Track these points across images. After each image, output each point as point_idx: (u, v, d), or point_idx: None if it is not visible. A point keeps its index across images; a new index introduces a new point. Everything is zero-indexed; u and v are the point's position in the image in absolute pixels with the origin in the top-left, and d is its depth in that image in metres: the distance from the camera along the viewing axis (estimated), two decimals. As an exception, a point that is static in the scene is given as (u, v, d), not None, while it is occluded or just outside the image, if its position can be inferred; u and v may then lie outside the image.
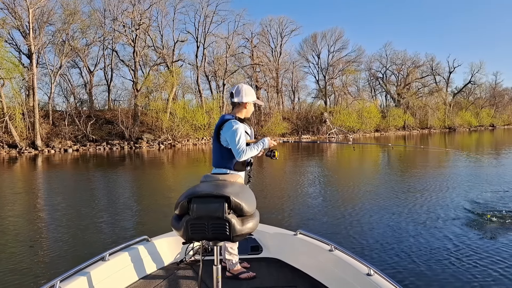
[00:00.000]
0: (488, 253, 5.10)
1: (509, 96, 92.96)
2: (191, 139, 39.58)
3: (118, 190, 11.87)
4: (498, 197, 8.72)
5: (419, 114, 67.87)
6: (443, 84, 73.96)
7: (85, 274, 2.61)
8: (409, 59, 69.68)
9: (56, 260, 5.30)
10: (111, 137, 36.19)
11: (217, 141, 3.15)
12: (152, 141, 36.59)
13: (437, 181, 11.28)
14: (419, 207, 8.01)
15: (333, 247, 3.05)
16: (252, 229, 2.12)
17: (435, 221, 6.83)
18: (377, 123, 59.10)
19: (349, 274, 2.72)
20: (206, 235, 2.04)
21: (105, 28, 39.96)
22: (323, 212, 7.83)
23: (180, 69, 43.89)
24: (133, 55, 40.04)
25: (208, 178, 2.82)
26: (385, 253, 5.21)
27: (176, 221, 2.13)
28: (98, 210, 8.52)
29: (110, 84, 43.56)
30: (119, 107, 41.11)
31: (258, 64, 52.09)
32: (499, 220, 6.72)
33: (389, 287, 2.35)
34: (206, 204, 2.03)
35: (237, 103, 3.24)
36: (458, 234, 5.97)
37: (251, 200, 2.26)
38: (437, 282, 4.29)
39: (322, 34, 62.66)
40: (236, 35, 49.60)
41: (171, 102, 39.88)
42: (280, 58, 56.80)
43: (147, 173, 16.57)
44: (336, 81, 61.12)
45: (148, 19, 41.18)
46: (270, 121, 48.04)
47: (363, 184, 11.46)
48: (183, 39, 44.57)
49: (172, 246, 3.49)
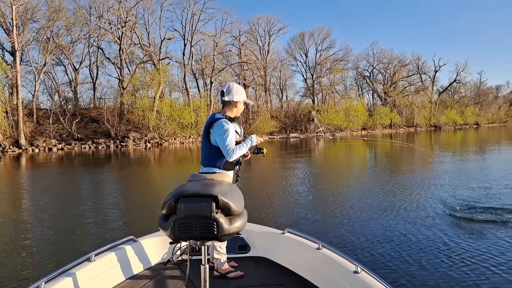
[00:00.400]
0: (475, 250, 5.13)
1: (493, 95, 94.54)
2: (178, 138, 39.32)
3: (104, 190, 11.70)
4: (482, 194, 8.83)
5: (405, 113, 68.55)
6: (429, 83, 74.94)
7: (70, 275, 2.56)
8: (396, 58, 70.53)
9: (41, 261, 5.19)
10: (97, 136, 35.78)
11: (206, 140, 3.12)
12: (139, 140, 36.27)
13: (422, 178, 11.38)
14: (406, 204, 8.04)
15: (321, 245, 3.05)
16: (240, 228, 2.10)
17: (421, 218, 6.86)
18: (364, 121, 59.55)
19: (336, 272, 2.72)
20: (194, 235, 2.01)
21: (90, 25, 39.52)
22: (310, 211, 7.81)
23: (167, 67, 43.64)
24: (119, 52, 39.64)
25: (195, 177, 2.77)
26: (372, 251, 5.23)
27: (163, 220, 2.09)
28: (84, 210, 8.37)
29: (95, 82, 43.19)
30: (105, 105, 40.64)
31: (246, 62, 52.00)
32: (482, 216, 6.80)
33: (376, 284, 2.36)
34: (193, 204, 2.00)
35: (228, 102, 3.21)
36: (444, 231, 6.00)
37: (239, 199, 2.24)
38: (422, 278, 4.31)
39: (309, 33, 63.01)
40: (223, 33, 49.46)
41: (158, 100, 39.59)
42: (268, 56, 56.92)
43: (133, 172, 16.39)
44: (324, 80, 61.53)
45: (135, 16, 40.82)
46: (258, 119, 48.03)
47: (350, 182, 11.51)
48: (170, 37, 44.29)
49: (159, 246, 3.45)
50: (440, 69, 74.54)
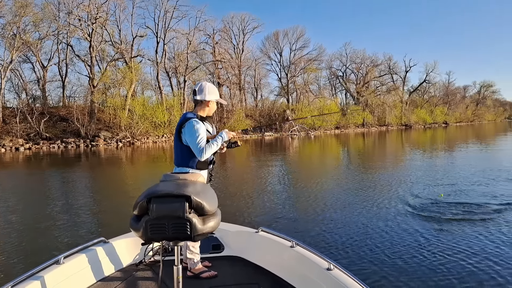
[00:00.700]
0: (445, 245, 5.20)
1: (461, 95, 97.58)
2: (151, 137, 38.72)
3: (73, 191, 11.31)
4: (452, 191, 9.02)
5: (377, 112, 69.84)
6: (400, 82, 76.63)
7: (38, 278, 2.48)
8: (368, 58, 71.93)
9: (8, 265, 4.99)
10: (66, 135, 34.81)
11: (178, 140, 3.12)
12: (110, 139, 35.48)
13: (394, 176, 11.55)
14: (378, 201, 8.12)
15: (295, 243, 3.07)
16: (213, 228, 2.08)
17: (392, 215, 6.93)
18: (337, 120, 60.31)
19: (310, 270, 2.76)
20: (167, 235, 1.98)
21: (59, 21, 38.35)
22: (285, 209, 7.79)
23: (139, 65, 42.89)
24: (89, 50, 38.59)
25: (168, 177, 2.70)
26: (346, 248, 5.25)
27: (135, 221, 2.05)
28: (53, 212, 8.07)
29: (64, 80, 41.91)
30: (75, 103, 39.64)
31: (220, 61, 51.73)
32: (451, 212, 6.92)
33: (349, 281, 2.40)
34: (166, 204, 1.98)
35: (200, 101, 3.21)
36: (415, 228, 6.08)
37: (213, 199, 2.22)
38: (395, 274, 4.35)
39: (284, 32, 63.33)
40: (197, 31, 49.04)
41: (129, 98, 38.87)
42: (242, 55, 56.80)
43: (104, 172, 15.99)
44: (298, 79, 62.04)
45: (105, 13, 39.92)
46: (233, 118, 47.89)
47: (324, 180, 11.58)
48: (142, 34, 43.53)
49: (131, 247, 3.41)
50: (410, 70, 76.69)
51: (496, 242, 5.28)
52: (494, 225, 6.08)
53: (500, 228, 5.93)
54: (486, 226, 6.06)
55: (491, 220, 6.37)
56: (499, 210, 7.02)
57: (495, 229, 5.86)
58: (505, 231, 5.78)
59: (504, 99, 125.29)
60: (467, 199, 8.02)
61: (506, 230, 5.83)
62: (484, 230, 5.84)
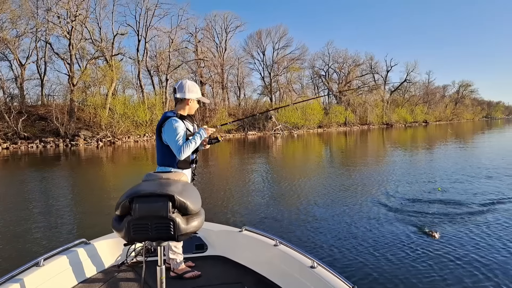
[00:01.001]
0: (427, 243, 5.27)
1: (440, 94, 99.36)
2: (132, 136, 38.20)
3: (53, 192, 11.03)
4: (432, 188, 9.12)
5: (359, 111, 70.49)
6: (381, 82, 77.44)
7: (17, 281, 2.45)
8: (350, 58, 72.57)
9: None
10: (45, 134, 34.05)
11: (159, 139, 3.13)
12: (90, 138, 34.86)
13: (377, 173, 11.65)
14: (361, 200, 8.19)
15: (278, 242, 3.09)
16: (197, 228, 2.07)
17: (374, 213, 7.00)
18: (320, 119, 60.70)
19: (293, 268, 2.79)
20: (149, 236, 1.96)
21: (37, 19, 37.37)
22: (268, 208, 7.77)
23: (120, 63, 42.25)
24: (68, 48, 37.79)
25: (150, 176, 2.67)
26: (331, 246, 5.26)
27: (117, 222, 2.03)
28: (32, 213, 7.86)
29: (43, 78, 41.07)
30: (54, 102, 38.74)
31: (203, 60, 51.40)
32: (431, 211, 7.00)
33: (332, 278, 2.43)
34: (149, 204, 1.96)
35: (180, 99, 3.20)
36: (397, 226, 6.15)
37: (196, 198, 2.21)
38: (378, 271, 4.37)
39: (266, 31, 63.37)
40: (179, 29, 48.60)
41: (110, 97, 38.26)
42: (225, 54, 56.49)
43: (85, 173, 15.68)
44: (281, 78, 62.24)
45: (85, 10, 39.14)
46: (216, 117, 47.62)
47: (307, 179, 11.59)
48: (123, 32, 42.84)
49: (113, 248, 3.39)
50: (391, 69, 77.54)
51: (476, 240, 5.37)
52: (475, 223, 6.18)
53: (479, 225, 6.04)
54: (467, 223, 6.16)
55: (472, 218, 6.48)
56: (480, 208, 7.16)
57: (475, 227, 5.96)
58: (484, 228, 5.88)
59: (482, 98, 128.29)
60: (448, 197, 8.13)
61: (485, 227, 5.94)
62: (465, 228, 5.94)
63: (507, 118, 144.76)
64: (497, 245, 5.11)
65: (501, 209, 7.00)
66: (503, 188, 8.90)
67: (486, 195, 8.15)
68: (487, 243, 5.17)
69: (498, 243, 5.18)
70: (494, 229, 5.79)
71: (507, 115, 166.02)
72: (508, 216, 6.48)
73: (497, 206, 7.22)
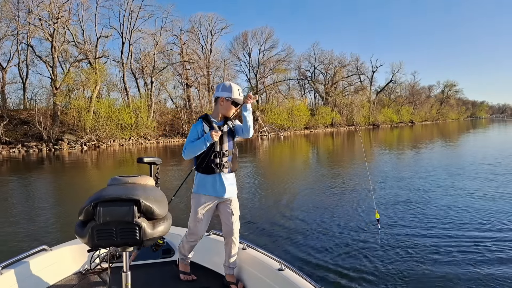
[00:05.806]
0: (402, 246, 5.26)
1: (426, 94, 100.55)
2: (117, 139, 37.84)
3: (25, 197, 10.79)
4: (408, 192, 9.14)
5: (345, 112, 71.00)
6: (367, 83, 78.30)
7: None
8: (336, 59, 73.13)
9: None
10: (27, 139, 33.53)
11: None
12: (74, 142, 34.42)
13: (357, 177, 11.68)
14: (334, 204, 8.18)
15: (246, 245, 3.14)
16: (163, 232, 2.02)
17: (346, 217, 6.97)
18: (306, 120, 60.92)
19: (261, 270, 2.83)
20: (114, 241, 1.91)
21: (18, 21, 36.84)
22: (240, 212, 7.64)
23: (104, 66, 41.77)
24: (51, 50, 37.31)
25: (115, 181, 2.57)
26: (297, 249, 5.24)
27: (80, 227, 1.94)
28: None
29: (25, 82, 40.45)
30: (36, 106, 38.16)
31: (188, 62, 51.19)
32: (405, 216, 7.00)
33: (300, 281, 2.44)
34: (113, 208, 1.89)
35: (214, 98, 3.21)
36: (369, 230, 6.12)
37: (163, 203, 2.13)
38: (348, 274, 4.35)
39: (252, 32, 63.49)
40: (164, 31, 48.38)
41: (94, 100, 37.84)
42: (210, 56, 56.33)
43: (64, 177, 15.42)
44: (267, 80, 62.23)
45: (68, 12, 38.74)
46: (201, 119, 47.30)
47: (282, 182, 11.61)
48: (107, 35, 42.54)
49: (76, 255, 3.32)
50: (377, 70, 78.38)
51: (446, 239, 5.36)
52: (450, 223, 6.18)
53: (453, 224, 6.04)
54: (443, 225, 6.14)
55: (448, 219, 6.47)
56: (455, 206, 7.17)
57: (451, 227, 5.96)
58: (455, 228, 5.88)
59: (467, 98, 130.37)
60: (425, 202, 8.15)
61: (456, 227, 5.92)
62: (443, 230, 5.92)
63: (491, 118, 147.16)
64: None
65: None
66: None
67: (466, 193, 8.22)
68: (462, 242, 5.16)
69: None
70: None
71: (491, 114, 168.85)
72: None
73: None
